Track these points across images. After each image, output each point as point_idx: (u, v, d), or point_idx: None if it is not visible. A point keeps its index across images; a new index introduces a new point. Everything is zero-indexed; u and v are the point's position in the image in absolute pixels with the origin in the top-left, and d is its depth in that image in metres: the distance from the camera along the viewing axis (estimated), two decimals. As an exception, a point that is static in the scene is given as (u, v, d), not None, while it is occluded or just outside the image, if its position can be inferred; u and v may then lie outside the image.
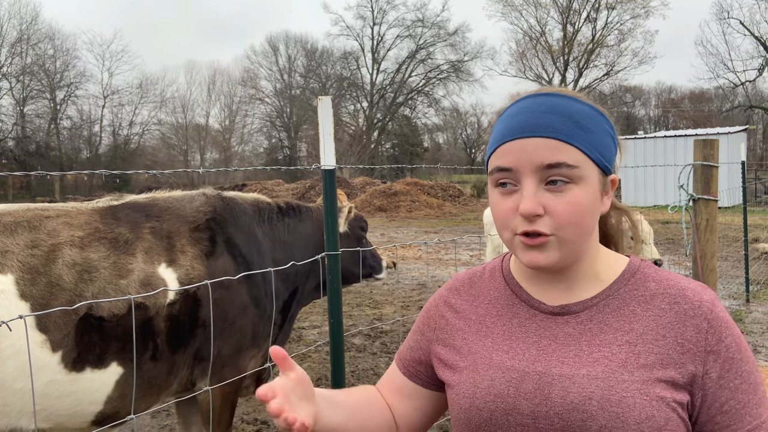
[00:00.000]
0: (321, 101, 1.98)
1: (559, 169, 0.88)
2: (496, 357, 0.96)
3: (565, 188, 0.88)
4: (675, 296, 0.91)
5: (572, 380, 0.88)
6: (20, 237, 2.14)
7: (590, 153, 0.89)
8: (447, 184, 27.08)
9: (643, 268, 0.97)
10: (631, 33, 40.62)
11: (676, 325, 0.88)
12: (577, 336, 0.92)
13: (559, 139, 0.88)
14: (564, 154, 0.88)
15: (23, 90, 39.26)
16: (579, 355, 0.90)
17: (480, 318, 1.02)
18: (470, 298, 1.06)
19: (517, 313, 0.98)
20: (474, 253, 11.73)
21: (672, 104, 50.82)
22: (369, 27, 45.56)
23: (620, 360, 0.87)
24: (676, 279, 0.94)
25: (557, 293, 0.97)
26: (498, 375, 0.94)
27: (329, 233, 2.08)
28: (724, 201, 14.07)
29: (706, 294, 0.91)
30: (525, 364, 0.93)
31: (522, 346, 0.95)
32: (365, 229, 3.45)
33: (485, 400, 0.93)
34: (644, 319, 0.90)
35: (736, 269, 8.80)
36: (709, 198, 3.42)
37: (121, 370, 2.21)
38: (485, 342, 0.99)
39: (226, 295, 2.51)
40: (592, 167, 0.90)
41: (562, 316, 0.94)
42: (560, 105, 0.90)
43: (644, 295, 0.93)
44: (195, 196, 2.71)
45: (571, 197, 0.88)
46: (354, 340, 5.93)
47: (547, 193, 0.88)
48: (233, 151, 48.05)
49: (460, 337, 1.03)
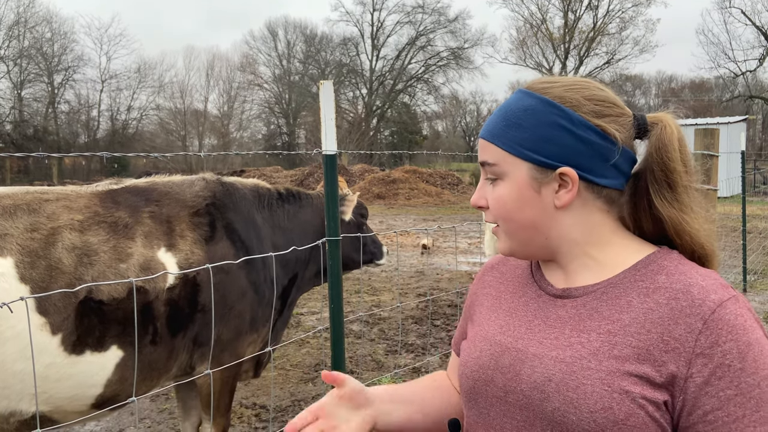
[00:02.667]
0: (323, 86, 1.97)
1: (485, 167, 0.98)
2: (491, 330, 1.01)
3: (495, 184, 0.97)
4: (677, 291, 0.85)
5: (540, 360, 0.90)
6: (20, 220, 2.13)
7: (511, 150, 0.93)
8: (446, 172, 27.04)
9: (662, 260, 0.91)
10: (632, 21, 40.37)
11: (667, 321, 0.83)
12: (566, 320, 0.92)
13: (485, 139, 0.97)
14: (487, 153, 0.97)
15: (21, 73, 38.97)
16: (558, 338, 0.91)
17: (498, 293, 1.07)
18: (499, 275, 1.11)
19: (527, 292, 1.02)
20: (472, 241, 11.74)
21: (672, 93, 50.67)
22: (369, 13, 45.23)
23: (593, 348, 0.86)
24: (691, 275, 0.87)
25: (561, 277, 0.99)
26: (486, 347, 0.99)
27: (330, 219, 2.08)
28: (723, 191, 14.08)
29: (718, 293, 0.83)
30: (510, 340, 0.96)
31: (517, 323, 0.98)
32: (365, 215, 3.45)
33: (472, 369, 1.00)
34: (635, 311, 0.87)
35: (733, 259, 8.83)
36: (709, 188, 3.42)
37: (121, 354, 2.21)
38: (491, 316, 1.04)
39: (225, 279, 2.51)
40: (514, 163, 0.93)
41: (562, 299, 0.95)
42: (507, 104, 0.97)
43: (648, 287, 0.88)
44: (195, 181, 2.70)
45: (496, 192, 0.96)
46: (352, 327, 5.96)
47: (488, 187, 0.99)
48: (232, 137, 47.86)
49: (479, 311, 1.09)
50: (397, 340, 5.56)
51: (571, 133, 0.90)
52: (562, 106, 0.91)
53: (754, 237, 10.30)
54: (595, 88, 0.95)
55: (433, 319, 6.22)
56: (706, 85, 46.79)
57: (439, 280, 8.31)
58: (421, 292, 7.51)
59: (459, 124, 55.62)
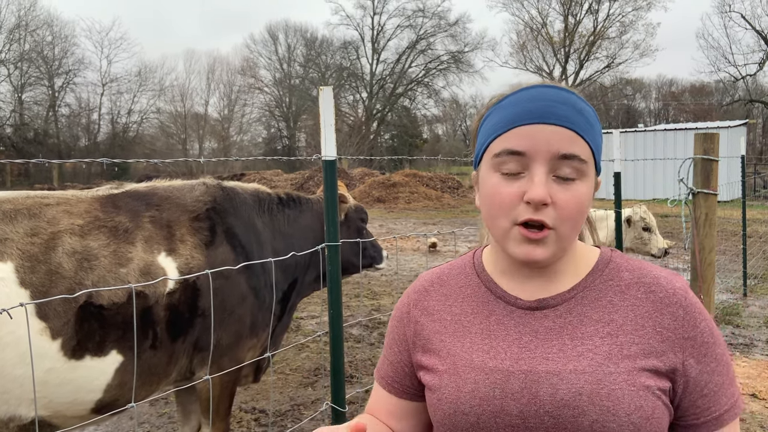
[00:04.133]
0: (322, 92, 1.97)
1: (572, 162, 0.87)
2: (477, 358, 0.92)
3: (573, 182, 0.87)
4: (650, 285, 0.91)
5: (560, 377, 0.87)
6: (20, 225, 2.14)
7: (595, 151, 0.91)
8: (446, 176, 27.05)
9: (615, 258, 0.97)
10: (632, 25, 40.50)
11: (654, 313, 0.89)
12: (558, 330, 0.90)
13: (575, 131, 0.87)
14: (578, 147, 0.87)
15: (21, 77, 39.04)
16: (563, 350, 0.89)
17: (455, 317, 0.98)
18: (442, 298, 1.02)
19: (494, 310, 0.95)
20: (472, 245, 11.71)
21: (672, 97, 50.72)
22: (369, 16, 45.33)
23: (604, 352, 0.87)
24: (648, 268, 0.95)
25: (534, 288, 0.94)
26: (481, 377, 0.91)
27: (330, 224, 2.08)
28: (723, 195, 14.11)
29: (678, 281, 0.92)
30: (508, 364, 0.90)
31: (503, 344, 0.92)
32: (365, 219, 3.45)
33: (470, 404, 0.90)
34: (622, 310, 0.90)
35: (734, 263, 8.83)
36: (709, 192, 3.42)
37: (121, 359, 2.21)
38: (464, 342, 0.95)
39: (225, 284, 2.51)
40: (592, 165, 0.91)
41: (540, 311, 0.92)
42: (571, 99, 0.90)
43: (620, 285, 0.93)
44: (195, 186, 2.70)
45: (576, 191, 0.87)
46: (352, 331, 5.95)
47: (555, 185, 0.87)
48: (232, 140, 47.91)
49: (438, 339, 0.98)
50: (397, 344, 5.54)
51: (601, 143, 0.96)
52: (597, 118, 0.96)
53: (754, 241, 10.30)
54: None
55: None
56: (706, 89, 46.85)
57: (439, 284, 8.30)
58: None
59: (459, 128, 55.69)
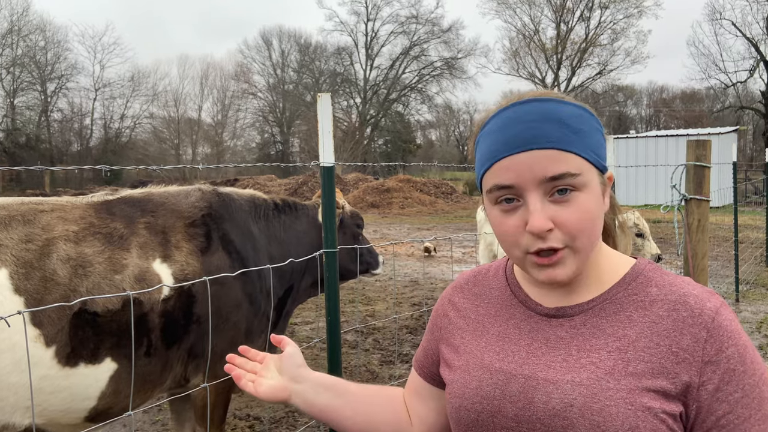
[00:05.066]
0: (320, 99, 1.97)
1: (563, 180, 0.84)
2: (487, 358, 0.95)
3: (571, 197, 0.85)
4: (675, 303, 0.87)
5: (556, 385, 0.86)
6: (14, 231, 2.12)
7: (588, 156, 0.87)
8: (439, 181, 27.10)
9: (647, 272, 0.93)
10: (624, 32, 40.79)
11: (673, 333, 0.84)
12: (569, 340, 0.90)
13: (558, 149, 0.84)
14: (565, 164, 0.84)
15: (13, 82, 38.87)
16: (567, 359, 0.88)
17: (479, 317, 1.01)
18: (472, 297, 1.05)
19: (514, 314, 0.97)
20: (467, 251, 11.75)
21: (663, 104, 51.12)
22: (363, 23, 45.47)
23: (608, 367, 0.85)
24: (680, 284, 0.89)
25: (557, 296, 0.94)
26: (486, 376, 0.93)
27: (327, 230, 2.08)
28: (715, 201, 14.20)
29: (711, 301, 0.86)
30: (513, 366, 0.91)
31: (513, 348, 0.93)
32: (361, 225, 3.45)
33: (473, 400, 0.93)
34: (639, 326, 0.87)
35: (726, 269, 8.88)
36: (702, 198, 3.44)
37: (115, 366, 2.20)
38: (480, 342, 0.98)
39: (220, 291, 2.50)
40: (591, 170, 0.88)
41: (557, 319, 0.92)
42: (550, 111, 0.86)
43: (644, 300, 0.89)
44: (191, 192, 2.69)
45: (578, 205, 0.85)
46: (347, 337, 5.93)
47: (553, 205, 0.85)
48: (225, 145, 47.82)
49: (459, 335, 1.02)
50: (392, 350, 5.54)
51: (603, 139, 0.93)
52: (593, 113, 0.93)
53: (746, 247, 10.37)
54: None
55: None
56: (697, 95, 47.24)
57: (434, 290, 8.30)
58: (416, 302, 7.50)
59: (452, 134, 55.90)
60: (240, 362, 1.13)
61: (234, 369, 1.12)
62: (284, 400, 1.11)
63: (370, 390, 1.17)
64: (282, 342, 1.14)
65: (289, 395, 1.11)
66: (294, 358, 1.13)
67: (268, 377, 1.11)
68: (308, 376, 1.12)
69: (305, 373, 1.12)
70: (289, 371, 1.12)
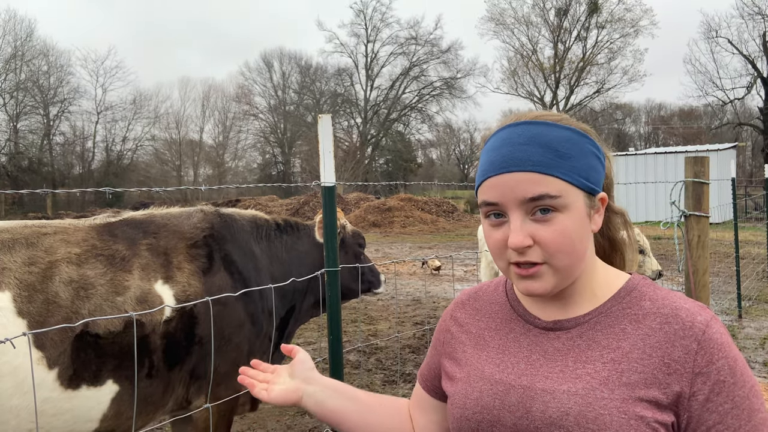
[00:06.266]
0: (321, 120, 2.00)
1: (542, 201, 0.89)
2: (487, 369, 0.99)
3: (551, 217, 0.90)
4: (667, 316, 0.90)
5: (552, 395, 0.90)
6: (18, 254, 2.14)
7: (572, 179, 0.90)
8: (441, 200, 27.15)
9: (641, 287, 0.96)
10: (620, 51, 41.19)
11: (665, 344, 0.88)
12: (565, 352, 0.93)
13: (539, 172, 0.89)
14: (545, 186, 0.89)
15: (17, 106, 39.21)
16: (563, 370, 0.92)
17: (480, 331, 1.05)
18: (473, 312, 1.10)
19: (514, 328, 1.01)
20: (468, 269, 11.73)
21: (662, 121, 51.41)
22: (363, 44, 45.99)
23: (602, 377, 0.88)
24: (672, 299, 0.93)
25: (553, 309, 0.98)
26: (486, 387, 0.97)
27: (329, 249, 2.09)
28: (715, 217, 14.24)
29: (702, 315, 0.89)
30: (512, 378, 0.95)
31: (513, 360, 0.98)
32: (363, 245, 3.46)
33: (474, 410, 0.97)
34: (633, 338, 0.90)
35: (728, 285, 8.85)
36: (701, 214, 3.46)
37: (117, 388, 2.20)
38: (481, 355, 1.02)
39: (222, 311, 2.50)
40: (575, 193, 0.91)
41: (554, 332, 0.96)
42: (539, 134, 0.91)
43: (637, 313, 0.93)
44: (192, 213, 2.71)
45: (557, 226, 0.89)
46: (349, 357, 5.90)
47: (534, 224, 0.90)
48: (227, 166, 48.05)
49: (461, 349, 1.06)
50: (394, 370, 5.51)
51: (599, 160, 0.96)
52: (589, 136, 0.95)
53: (747, 263, 10.34)
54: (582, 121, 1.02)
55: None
56: (695, 112, 47.54)
57: (437, 309, 8.28)
58: (419, 321, 7.47)
59: (453, 152, 56.14)
60: (252, 374, 1.18)
61: (246, 378, 1.16)
62: (296, 401, 1.14)
63: (377, 398, 1.20)
64: (293, 350, 1.19)
65: (301, 396, 1.14)
66: (305, 362, 1.17)
67: (279, 383, 1.15)
68: (319, 379, 1.17)
69: (316, 376, 1.17)
70: (301, 374, 1.16)
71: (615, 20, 40.23)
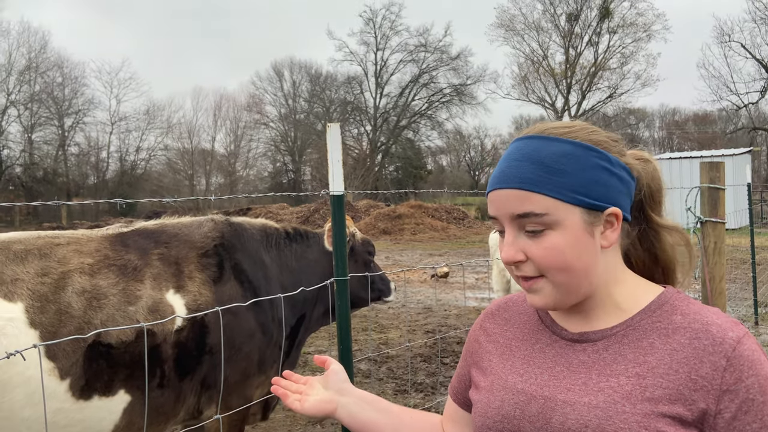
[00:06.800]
0: (330, 128, 2.00)
1: (528, 218, 0.90)
2: (510, 379, 0.99)
3: (542, 234, 0.90)
4: (697, 331, 0.88)
5: (573, 407, 0.89)
6: (30, 265, 2.15)
7: (562, 196, 0.89)
8: (451, 207, 27.09)
9: (674, 300, 0.94)
10: (633, 56, 40.91)
11: (692, 360, 0.86)
12: (590, 364, 0.92)
13: (525, 189, 0.90)
14: (530, 204, 0.89)
15: (31, 117, 39.77)
16: (587, 383, 0.91)
17: (507, 341, 1.06)
18: (502, 322, 1.10)
19: (540, 338, 1.01)
20: (480, 276, 11.67)
21: (676, 126, 51.02)
22: (372, 52, 46.12)
23: (625, 391, 0.87)
24: (705, 314, 0.90)
25: (578, 321, 0.98)
26: (508, 397, 0.97)
27: (338, 258, 2.08)
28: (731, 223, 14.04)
29: (734, 331, 0.87)
30: (534, 388, 0.95)
31: (537, 370, 0.97)
32: (373, 253, 3.45)
33: (494, 419, 0.97)
34: (660, 353, 0.88)
35: (744, 291, 8.73)
36: (717, 220, 3.41)
37: (129, 398, 2.20)
38: (506, 364, 1.02)
39: (233, 321, 2.50)
40: (567, 209, 0.89)
41: (580, 344, 0.95)
42: (534, 151, 0.91)
43: (667, 328, 0.91)
44: (203, 222, 2.72)
45: (547, 243, 0.90)
46: (360, 366, 5.88)
47: (527, 239, 0.91)
48: (238, 175, 48.34)
49: (487, 358, 1.07)
50: (406, 379, 5.48)
51: (611, 173, 0.92)
52: (598, 148, 0.92)
53: (764, 269, 10.20)
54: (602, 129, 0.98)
55: (442, 357, 6.13)
56: (709, 117, 47.13)
57: (448, 317, 8.23)
58: (430, 329, 7.44)
59: (463, 159, 56.06)
60: (285, 384, 1.17)
61: (279, 389, 1.16)
62: (330, 413, 1.14)
63: (410, 412, 1.20)
64: (327, 362, 1.19)
65: (335, 408, 1.14)
66: (339, 374, 1.17)
67: (312, 394, 1.14)
68: (352, 390, 1.17)
69: (350, 388, 1.17)
70: (335, 385, 1.15)
71: (627, 25, 40.05)
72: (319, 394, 1.14)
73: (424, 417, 1.19)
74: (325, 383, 1.16)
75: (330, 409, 1.13)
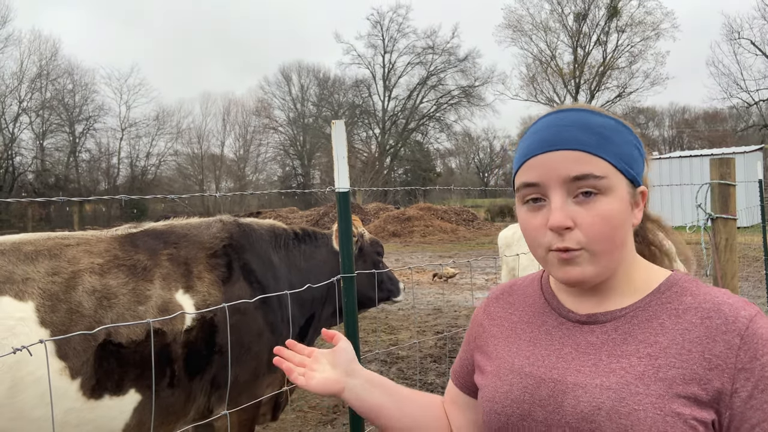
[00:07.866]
0: (334, 125, 2.01)
1: (587, 181, 0.87)
2: (517, 362, 0.97)
3: (594, 200, 0.87)
4: (708, 311, 0.87)
5: (584, 389, 0.88)
6: (41, 265, 2.17)
7: (617, 163, 0.89)
8: (460, 209, 27.04)
9: (683, 282, 0.93)
10: (642, 55, 40.73)
11: (705, 340, 0.84)
12: (599, 345, 0.91)
13: (585, 151, 0.88)
14: (590, 165, 0.88)
15: (42, 124, 40.18)
16: (597, 364, 0.89)
17: (512, 325, 1.04)
18: (507, 305, 1.08)
19: (546, 321, 0.99)
20: (489, 277, 11.63)
21: (686, 124, 50.61)
22: (380, 55, 46.21)
23: (638, 372, 0.85)
24: (715, 294, 0.89)
25: (589, 304, 0.96)
26: (516, 380, 0.95)
27: (345, 255, 2.08)
28: (743, 220, 13.91)
29: (746, 309, 0.86)
30: (543, 371, 0.93)
31: (543, 352, 0.95)
32: (381, 253, 3.45)
33: (503, 404, 0.95)
34: (671, 333, 0.87)
35: (757, 289, 8.63)
36: (728, 217, 3.37)
37: (139, 397, 2.21)
38: (511, 347, 1.01)
39: (242, 320, 2.51)
40: (620, 178, 0.89)
41: (588, 325, 0.94)
42: (583, 119, 0.91)
43: (677, 308, 0.89)
44: (212, 223, 2.73)
45: (600, 209, 0.87)
46: (370, 366, 5.88)
47: (576, 206, 0.88)
48: (248, 179, 48.53)
49: (492, 342, 1.05)
50: (416, 379, 5.47)
51: (640, 153, 0.94)
52: (631, 128, 0.94)
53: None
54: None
55: (451, 357, 6.11)
56: (719, 115, 46.70)
57: (457, 317, 8.21)
58: (439, 330, 7.42)
59: (472, 161, 55.94)
60: (288, 355, 1.13)
61: (283, 362, 1.12)
62: (337, 393, 1.10)
63: (416, 394, 1.18)
64: (335, 337, 1.15)
65: (343, 388, 1.10)
66: (347, 352, 1.12)
67: (318, 371, 1.10)
68: (361, 372, 1.13)
69: (358, 369, 1.13)
70: (343, 365, 1.11)
71: (635, 24, 39.87)
72: (326, 371, 1.10)
73: (428, 398, 1.19)
74: (333, 360, 1.12)
75: (337, 389, 1.09)
